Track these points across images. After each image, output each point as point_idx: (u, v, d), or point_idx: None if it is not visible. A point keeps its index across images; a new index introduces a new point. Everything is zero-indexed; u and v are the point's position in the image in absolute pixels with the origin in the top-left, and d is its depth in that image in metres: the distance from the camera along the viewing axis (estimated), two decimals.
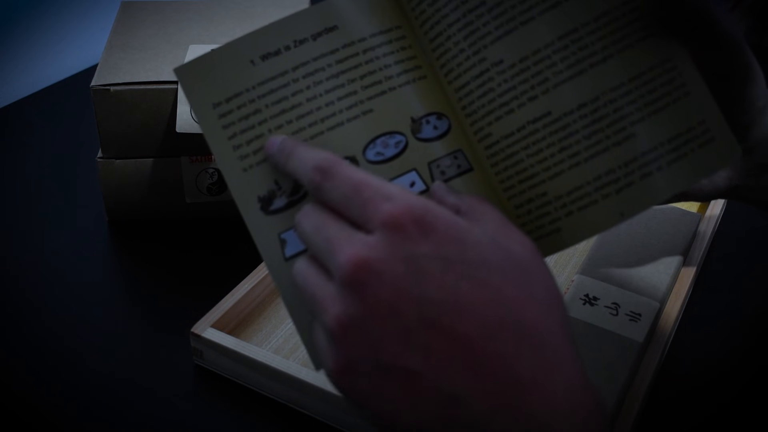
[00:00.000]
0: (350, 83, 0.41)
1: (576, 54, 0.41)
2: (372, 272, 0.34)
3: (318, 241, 0.37)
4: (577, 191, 0.41)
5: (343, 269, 0.35)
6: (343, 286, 0.35)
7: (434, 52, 0.43)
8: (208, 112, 0.40)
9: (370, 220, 0.36)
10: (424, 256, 0.35)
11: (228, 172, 0.40)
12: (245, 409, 0.55)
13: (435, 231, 0.35)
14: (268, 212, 0.40)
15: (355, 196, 0.36)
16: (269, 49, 0.41)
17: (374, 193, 0.36)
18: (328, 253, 0.36)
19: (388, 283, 0.34)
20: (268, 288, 0.63)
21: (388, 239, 0.35)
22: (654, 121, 0.41)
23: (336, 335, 0.35)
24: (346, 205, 0.37)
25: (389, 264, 0.34)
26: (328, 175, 0.37)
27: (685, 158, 0.41)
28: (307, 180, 0.38)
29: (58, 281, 0.66)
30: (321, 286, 0.37)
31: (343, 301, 0.35)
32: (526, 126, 0.41)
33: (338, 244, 0.36)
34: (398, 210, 0.35)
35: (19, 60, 0.98)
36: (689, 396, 0.56)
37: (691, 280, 0.63)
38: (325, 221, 0.37)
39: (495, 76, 0.41)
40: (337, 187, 0.37)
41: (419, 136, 0.42)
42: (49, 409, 0.55)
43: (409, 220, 0.35)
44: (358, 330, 0.35)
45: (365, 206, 0.36)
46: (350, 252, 0.35)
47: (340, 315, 0.35)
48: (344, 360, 0.35)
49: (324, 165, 0.37)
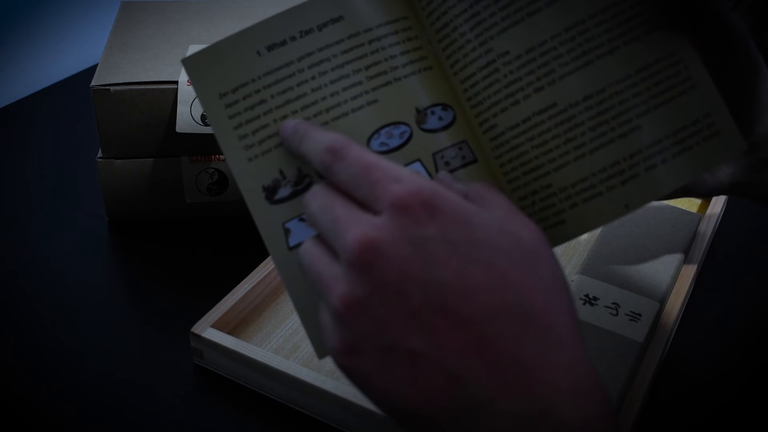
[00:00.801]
0: (355, 73, 0.41)
1: (582, 46, 0.41)
2: (378, 253, 0.34)
3: (325, 221, 0.37)
4: (582, 183, 0.41)
5: (350, 249, 0.35)
6: (349, 267, 0.35)
7: (440, 42, 0.43)
8: (215, 103, 0.41)
9: (378, 200, 0.36)
10: (431, 239, 0.35)
11: (233, 162, 0.41)
12: (245, 409, 0.55)
13: (443, 214, 0.35)
14: (272, 202, 0.41)
15: (364, 176, 0.36)
16: (275, 39, 0.41)
17: (383, 174, 0.36)
18: (334, 233, 0.36)
19: (395, 264, 0.34)
20: (268, 288, 0.63)
21: (396, 220, 0.35)
22: (659, 113, 0.41)
23: (341, 315, 0.35)
24: (354, 186, 0.37)
25: (396, 245, 0.35)
26: (338, 156, 0.38)
27: (690, 151, 0.41)
28: (318, 160, 0.38)
29: (58, 281, 0.66)
30: (327, 266, 0.37)
31: (349, 282, 0.35)
32: (532, 117, 0.41)
33: (345, 225, 0.36)
34: (406, 191, 0.35)
35: (19, 60, 0.98)
36: (689, 396, 0.56)
37: (691, 280, 0.63)
38: (333, 202, 0.37)
39: (501, 67, 0.42)
40: (347, 167, 0.37)
41: (424, 127, 0.42)
42: (49, 409, 0.55)
43: (417, 202, 0.35)
44: (363, 310, 0.35)
45: (374, 187, 0.36)
46: (357, 232, 0.35)
47: (345, 295, 0.35)
48: (348, 340, 0.35)
49: (335, 146, 0.38)
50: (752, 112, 0.47)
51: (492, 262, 0.35)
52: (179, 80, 0.66)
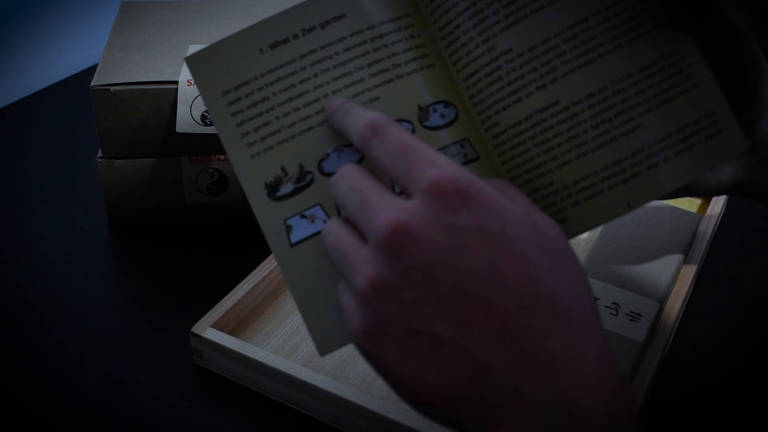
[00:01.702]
0: (358, 71, 0.41)
1: (585, 44, 0.41)
2: (410, 237, 0.34)
3: (354, 202, 0.37)
4: (584, 181, 0.41)
5: (380, 232, 0.35)
6: (378, 249, 0.35)
7: (443, 40, 0.43)
8: (218, 100, 0.41)
9: (413, 181, 0.36)
10: (464, 227, 0.35)
11: (236, 159, 0.41)
12: (245, 409, 0.55)
13: (477, 203, 0.35)
14: (274, 198, 0.41)
15: (402, 156, 0.36)
16: (278, 37, 0.41)
17: (421, 156, 0.36)
18: (363, 215, 0.36)
19: (426, 249, 0.34)
20: (268, 288, 0.63)
21: (430, 205, 0.35)
22: (662, 111, 0.41)
23: (366, 297, 0.35)
24: (390, 164, 0.37)
25: (428, 231, 0.34)
26: (379, 132, 0.37)
27: (692, 150, 0.41)
28: (357, 134, 0.38)
29: (58, 281, 0.66)
30: (353, 247, 0.37)
31: (377, 264, 0.35)
32: (534, 115, 0.41)
33: (376, 207, 0.36)
34: (443, 177, 0.35)
35: (19, 60, 0.98)
36: (689, 396, 0.56)
37: (692, 280, 0.63)
38: (364, 183, 0.37)
39: (504, 65, 0.42)
40: (386, 144, 0.37)
41: (426, 125, 0.42)
42: (49, 409, 0.55)
43: (452, 189, 0.35)
44: (391, 293, 0.35)
45: (410, 168, 0.36)
46: (389, 215, 0.35)
47: (373, 277, 0.35)
48: (372, 322, 0.35)
49: (377, 122, 0.38)
50: (754, 112, 0.47)
51: (524, 254, 0.35)
52: (179, 80, 0.66)
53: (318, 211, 0.41)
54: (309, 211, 0.41)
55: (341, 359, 0.57)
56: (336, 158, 0.41)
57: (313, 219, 0.41)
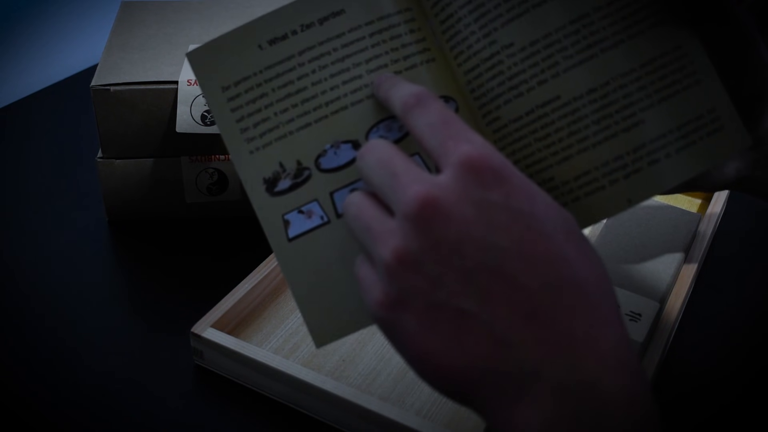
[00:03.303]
0: (355, 67, 0.42)
1: (587, 39, 0.41)
2: (440, 211, 0.35)
3: (382, 175, 0.37)
4: (585, 176, 0.41)
5: (410, 204, 0.35)
6: (406, 221, 0.35)
7: (444, 34, 0.43)
8: (218, 96, 0.41)
9: (447, 155, 0.36)
10: (494, 204, 0.35)
11: (235, 154, 0.41)
12: (245, 409, 0.55)
13: (510, 183, 0.35)
14: (272, 194, 0.41)
15: (441, 128, 0.36)
16: (276, 33, 0.42)
17: (459, 131, 0.36)
18: (392, 188, 0.36)
19: (455, 223, 0.34)
20: (268, 288, 0.63)
21: (462, 180, 0.35)
22: (663, 107, 0.41)
23: (391, 267, 0.35)
24: (428, 134, 0.37)
25: (458, 205, 0.35)
26: (422, 103, 0.38)
27: (694, 146, 0.41)
28: (401, 102, 0.38)
29: (58, 281, 0.66)
30: (378, 219, 0.37)
31: (405, 235, 0.35)
32: (535, 110, 0.41)
33: (405, 180, 0.36)
34: (478, 153, 0.35)
35: (19, 60, 0.98)
36: (690, 396, 0.56)
37: (692, 280, 0.63)
38: (394, 157, 0.37)
39: (505, 60, 0.42)
40: (427, 115, 0.37)
41: None
42: (49, 409, 0.55)
43: (486, 166, 0.35)
44: (416, 266, 0.35)
45: (446, 141, 0.36)
46: (419, 188, 0.35)
47: (399, 248, 0.35)
48: (395, 293, 0.35)
49: (422, 94, 0.38)
50: (757, 108, 0.47)
51: (552, 236, 0.35)
52: (179, 80, 0.66)
53: (315, 206, 0.41)
54: (306, 206, 0.41)
55: (341, 359, 0.57)
56: (333, 155, 0.41)
57: (310, 214, 0.41)
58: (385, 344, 0.58)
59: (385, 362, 0.57)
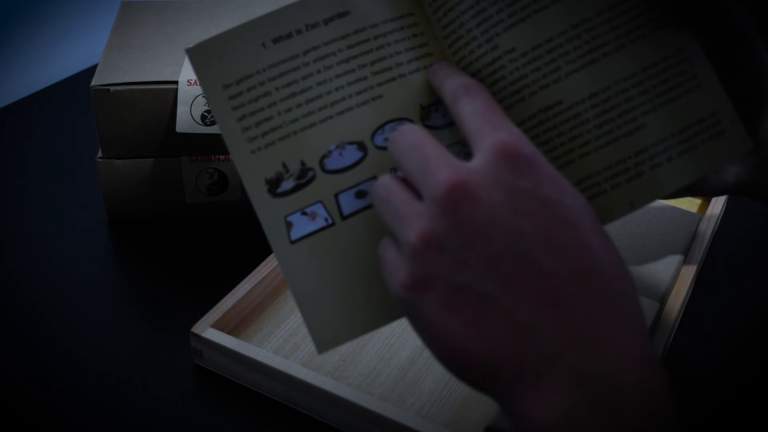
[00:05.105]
0: (360, 69, 0.41)
1: (589, 43, 0.41)
2: (469, 195, 0.35)
3: (414, 158, 0.37)
4: (587, 180, 0.41)
5: (439, 187, 0.35)
6: (434, 203, 0.35)
7: (447, 39, 0.43)
8: (219, 94, 0.41)
9: (483, 138, 0.36)
10: (524, 191, 0.35)
11: (236, 154, 0.41)
12: (245, 409, 0.55)
13: (541, 172, 0.36)
14: (275, 195, 0.41)
15: (483, 114, 0.37)
16: (281, 32, 0.41)
17: (499, 120, 0.37)
18: (422, 171, 0.36)
19: (483, 207, 0.35)
20: (268, 288, 0.63)
21: (493, 164, 0.35)
22: (665, 111, 0.41)
23: (417, 249, 0.35)
24: (470, 119, 0.38)
25: (488, 190, 0.35)
26: (470, 92, 0.39)
27: (696, 150, 0.41)
28: (451, 90, 0.39)
29: (58, 281, 0.66)
30: (406, 202, 0.37)
31: (432, 218, 0.35)
32: (537, 115, 0.41)
33: (437, 164, 0.36)
34: (513, 140, 0.36)
35: (19, 60, 0.98)
36: (689, 396, 0.56)
37: (692, 280, 0.63)
38: (426, 142, 0.37)
39: (507, 64, 0.42)
40: (473, 102, 0.38)
41: (428, 124, 0.42)
42: (49, 409, 0.55)
43: (519, 153, 0.36)
44: (442, 248, 0.35)
45: (485, 126, 0.37)
46: (450, 173, 0.35)
47: (426, 230, 0.35)
48: (419, 275, 0.36)
49: (473, 85, 0.39)
50: (758, 112, 0.47)
51: (579, 225, 0.35)
52: (179, 80, 0.66)
53: (319, 208, 0.41)
54: (310, 208, 0.41)
55: (341, 359, 0.57)
56: (338, 155, 0.41)
57: (314, 216, 0.41)
58: (386, 344, 0.58)
59: (385, 362, 0.57)
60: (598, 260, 0.35)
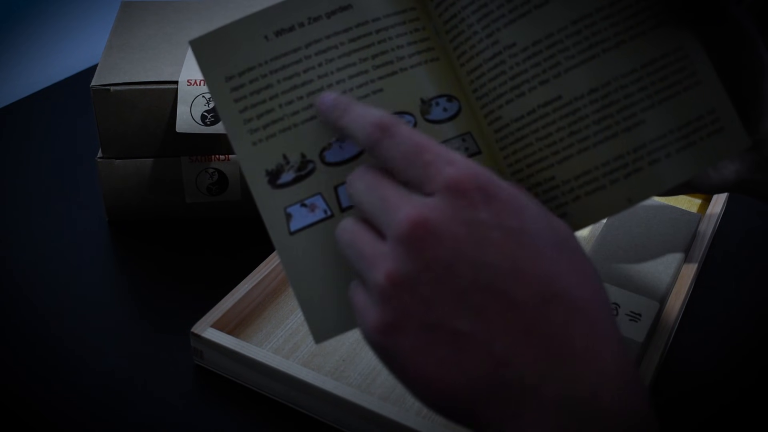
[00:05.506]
0: (362, 62, 0.42)
1: (589, 39, 0.41)
2: (431, 232, 0.34)
3: (373, 200, 0.37)
4: (586, 176, 0.41)
5: (401, 226, 0.35)
6: (398, 243, 0.35)
7: (448, 34, 0.43)
8: (221, 85, 0.41)
9: (431, 181, 0.35)
10: (484, 222, 0.35)
11: (237, 145, 0.41)
12: (245, 409, 0.55)
13: (498, 200, 0.35)
14: (275, 186, 0.41)
15: (417, 156, 0.36)
16: (283, 25, 0.41)
17: (437, 155, 0.36)
18: (383, 211, 0.36)
19: (447, 243, 0.34)
20: (268, 288, 0.63)
21: (450, 202, 0.35)
22: (664, 108, 0.41)
23: (385, 291, 0.35)
24: (405, 165, 0.36)
25: (449, 226, 0.34)
26: (389, 133, 0.37)
27: (694, 146, 0.41)
28: (365, 135, 0.38)
29: (58, 281, 0.66)
30: (370, 244, 0.36)
31: (397, 258, 0.35)
32: (537, 110, 0.42)
33: (396, 203, 0.36)
34: (463, 174, 0.35)
35: (19, 60, 0.98)
36: (689, 396, 0.56)
37: (692, 280, 0.63)
38: (382, 181, 0.37)
39: (507, 59, 0.42)
40: (398, 144, 0.37)
41: (428, 118, 0.42)
42: (49, 409, 0.55)
43: (473, 186, 0.35)
44: (410, 287, 0.35)
45: (427, 167, 0.36)
46: (410, 211, 0.35)
47: (392, 271, 0.35)
48: (389, 317, 0.35)
49: (385, 122, 0.37)
50: (758, 109, 0.47)
51: (543, 251, 0.35)
52: (179, 80, 0.66)
53: (318, 200, 0.41)
54: (310, 200, 0.41)
55: (341, 359, 0.57)
56: (338, 148, 0.41)
57: (313, 208, 0.41)
58: None
59: None
60: (566, 283, 0.35)
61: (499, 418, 0.34)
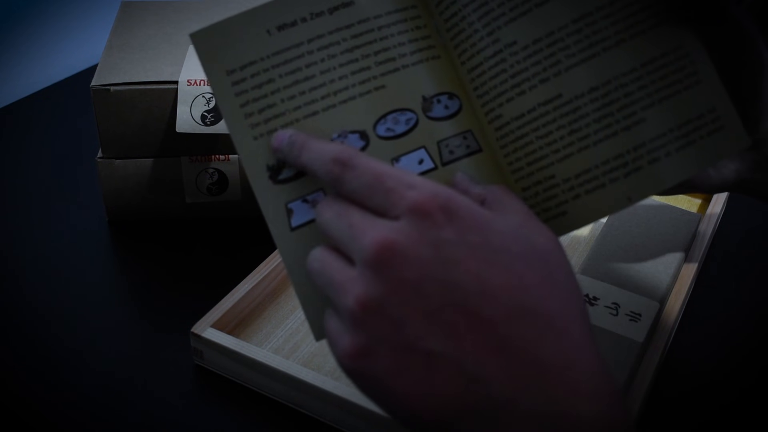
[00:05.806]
0: (364, 58, 0.42)
1: (589, 38, 0.41)
2: (397, 254, 0.35)
3: (341, 227, 0.37)
4: (585, 174, 0.41)
5: (368, 250, 0.35)
6: (366, 267, 0.35)
7: (449, 32, 0.43)
8: (222, 79, 0.41)
9: (394, 207, 0.36)
10: (449, 241, 0.35)
11: (238, 140, 0.41)
12: (245, 409, 0.55)
13: (460, 218, 0.36)
14: (276, 181, 0.41)
15: (378, 185, 0.37)
16: (286, 20, 0.41)
17: (397, 182, 0.36)
18: (350, 237, 0.36)
19: (413, 264, 0.34)
20: (268, 288, 0.63)
21: (415, 224, 0.35)
22: (664, 107, 0.41)
23: (356, 316, 0.35)
24: (368, 195, 0.37)
25: (415, 247, 0.35)
26: (348, 167, 0.37)
27: (694, 145, 0.41)
28: (324, 171, 0.38)
29: (58, 281, 0.66)
30: (340, 270, 0.37)
31: (365, 282, 0.35)
32: (537, 108, 0.42)
33: (362, 229, 0.36)
34: (424, 197, 0.35)
35: (19, 60, 0.98)
36: (690, 396, 0.56)
37: (692, 280, 0.63)
38: (348, 209, 0.37)
39: (508, 58, 0.42)
40: (359, 177, 0.37)
41: (430, 115, 0.42)
42: (49, 409, 0.55)
43: (435, 207, 0.35)
44: (380, 310, 0.35)
45: (389, 194, 0.36)
46: (376, 234, 0.35)
47: (362, 295, 0.35)
48: (362, 342, 0.35)
49: (343, 156, 0.38)
50: (758, 109, 0.47)
51: (509, 266, 0.35)
52: (179, 80, 0.66)
53: (320, 196, 0.41)
54: (311, 195, 0.41)
55: None
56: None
57: (314, 204, 0.41)
58: None
59: None
60: (535, 298, 0.35)
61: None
